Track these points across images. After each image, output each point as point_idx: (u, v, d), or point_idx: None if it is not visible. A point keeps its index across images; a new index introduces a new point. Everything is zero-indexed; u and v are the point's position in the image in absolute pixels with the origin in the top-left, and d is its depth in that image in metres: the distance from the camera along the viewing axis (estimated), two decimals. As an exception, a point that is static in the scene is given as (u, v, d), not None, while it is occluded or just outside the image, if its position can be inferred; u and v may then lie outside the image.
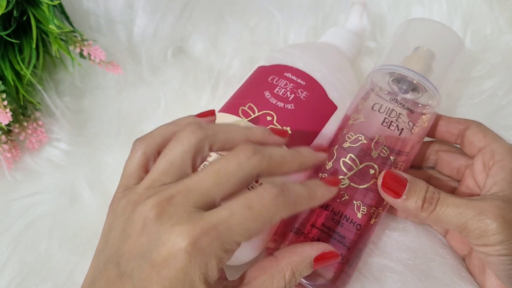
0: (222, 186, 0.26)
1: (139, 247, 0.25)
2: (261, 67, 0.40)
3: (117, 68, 0.44)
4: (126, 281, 0.25)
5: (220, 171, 0.26)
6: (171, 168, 0.27)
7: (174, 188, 0.26)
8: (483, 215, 0.29)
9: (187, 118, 0.32)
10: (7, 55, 0.42)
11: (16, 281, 0.36)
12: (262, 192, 0.26)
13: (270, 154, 0.28)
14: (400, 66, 0.35)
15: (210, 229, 0.24)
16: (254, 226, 0.25)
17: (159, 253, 0.24)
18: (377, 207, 0.33)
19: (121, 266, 0.25)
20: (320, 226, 0.32)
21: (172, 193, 0.26)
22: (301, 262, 0.28)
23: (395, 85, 0.35)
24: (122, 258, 0.25)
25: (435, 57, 0.35)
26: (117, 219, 0.27)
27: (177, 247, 0.24)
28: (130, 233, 0.26)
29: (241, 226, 0.25)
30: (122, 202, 0.27)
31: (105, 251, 0.27)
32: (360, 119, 0.34)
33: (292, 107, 0.36)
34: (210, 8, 0.51)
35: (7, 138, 0.41)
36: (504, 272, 0.30)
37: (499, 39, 0.48)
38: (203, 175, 0.26)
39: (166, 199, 0.25)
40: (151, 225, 0.25)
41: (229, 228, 0.25)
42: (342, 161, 0.33)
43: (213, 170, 0.26)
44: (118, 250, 0.26)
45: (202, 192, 0.26)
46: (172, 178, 0.27)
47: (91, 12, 0.49)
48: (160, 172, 0.28)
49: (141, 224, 0.25)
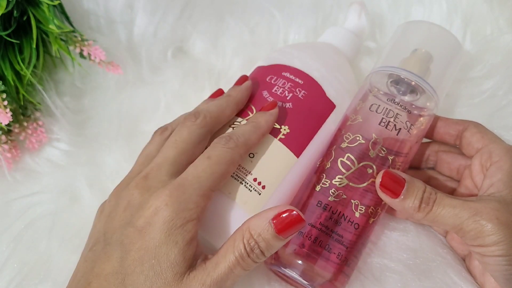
0: (183, 152, 0.30)
1: (123, 220, 0.28)
2: (260, 67, 0.40)
3: (117, 68, 0.44)
4: (111, 249, 0.27)
5: (176, 140, 0.31)
6: (146, 159, 0.32)
7: (147, 167, 0.30)
8: (478, 216, 0.29)
9: (203, 104, 0.36)
10: (7, 55, 0.42)
11: (16, 280, 0.36)
12: (214, 144, 0.31)
13: (208, 110, 0.32)
14: (399, 68, 0.35)
15: (181, 182, 0.28)
16: (218, 169, 0.29)
17: (140, 216, 0.27)
18: (375, 207, 0.33)
19: (107, 240, 0.28)
20: (319, 225, 0.32)
21: (147, 171, 0.30)
22: (259, 223, 0.27)
23: (394, 86, 0.35)
24: (107, 235, 0.28)
25: (433, 59, 0.35)
26: (103, 214, 0.30)
27: (156, 205, 0.27)
28: (114, 214, 0.29)
29: (206, 172, 0.29)
30: (107, 199, 0.31)
31: (89, 243, 0.30)
32: (358, 120, 0.35)
33: (290, 106, 0.36)
34: (210, 8, 0.51)
35: (7, 138, 0.41)
36: (500, 273, 0.30)
37: (499, 39, 0.48)
38: (165, 149, 0.31)
39: (142, 177, 0.29)
40: (134, 202, 0.28)
41: (197, 176, 0.29)
42: (340, 160, 0.33)
43: (171, 142, 0.31)
44: (104, 231, 0.28)
45: (169, 162, 0.30)
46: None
47: (91, 12, 0.49)
48: (139, 164, 0.33)
49: (125, 204, 0.29)
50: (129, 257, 0.26)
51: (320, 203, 0.32)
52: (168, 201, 0.27)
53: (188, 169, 0.29)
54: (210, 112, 0.32)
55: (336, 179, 0.33)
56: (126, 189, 0.30)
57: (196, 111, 0.33)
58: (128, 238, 0.27)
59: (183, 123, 0.32)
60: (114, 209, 0.29)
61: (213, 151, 0.30)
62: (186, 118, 0.32)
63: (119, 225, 0.28)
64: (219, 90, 0.37)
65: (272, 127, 0.34)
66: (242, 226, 0.28)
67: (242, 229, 0.28)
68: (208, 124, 0.32)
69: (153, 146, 0.33)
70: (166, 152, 0.31)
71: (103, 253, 0.27)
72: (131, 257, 0.26)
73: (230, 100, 0.34)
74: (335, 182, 0.33)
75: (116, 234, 0.27)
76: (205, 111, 0.32)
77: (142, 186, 0.29)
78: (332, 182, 0.33)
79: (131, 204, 0.28)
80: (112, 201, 0.30)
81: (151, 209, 0.27)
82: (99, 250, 0.28)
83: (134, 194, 0.29)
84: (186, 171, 0.29)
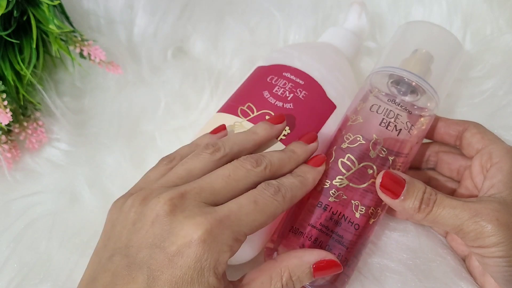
0: (231, 189, 0.28)
1: (151, 238, 0.26)
2: (260, 67, 0.40)
3: (117, 68, 0.44)
4: (136, 270, 0.25)
5: (230, 175, 0.29)
6: (188, 175, 0.30)
7: (187, 185, 0.28)
8: (478, 217, 0.29)
9: (204, 137, 0.34)
10: (7, 55, 0.42)
11: (16, 281, 0.36)
12: (263, 190, 0.29)
13: (270, 162, 0.30)
14: (399, 68, 0.35)
15: (222, 219, 0.26)
16: (260, 218, 0.28)
17: (172, 242, 0.25)
18: (375, 207, 0.33)
19: (130, 256, 0.26)
20: (319, 226, 0.32)
21: (186, 189, 0.27)
22: (300, 266, 0.28)
23: (394, 87, 0.35)
24: (131, 249, 0.26)
25: (433, 59, 0.35)
26: (123, 215, 0.28)
27: (191, 237, 0.25)
28: (141, 226, 0.26)
29: (249, 217, 0.27)
30: (129, 200, 0.28)
31: (108, 246, 0.27)
32: (358, 120, 0.35)
33: (291, 106, 0.36)
34: (210, 8, 0.51)
35: (7, 138, 0.41)
36: (500, 274, 0.30)
37: (499, 39, 0.48)
38: (215, 177, 0.29)
39: (179, 194, 0.27)
40: (163, 218, 0.26)
41: (239, 219, 0.27)
42: (340, 161, 0.33)
43: (224, 173, 0.29)
44: (127, 242, 0.26)
45: (213, 191, 0.28)
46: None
47: (91, 12, 0.49)
48: (177, 176, 0.29)
49: (153, 217, 0.26)
50: (156, 286, 0.25)
51: (320, 203, 0.32)
52: (206, 238, 0.25)
53: (231, 205, 0.27)
54: (272, 165, 0.30)
55: (336, 180, 0.33)
56: (156, 198, 0.27)
57: (259, 158, 0.30)
58: (156, 263, 0.25)
59: (243, 163, 0.30)
60: (139, 219, 0.27)
61: (261, 197, 0.28)
62: (247, 159, 0.30)
63: (146, 243, 0.26)
64: (221, 126, 0.35)
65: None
66: (280, 263, 0.28)
67: (280, 267, 0.28)
68: (266, 176, 0.30)
69: (200, 165, 0.30)
70: (214, 181, 0.28)
71: (126, 271, 0.25)
72: (159, 287, 0.25)
73: (293, 158, 0.32)
74: (335, 182, 0.33)
75: (143, 254, 0.25)
76: (268, 162, 0.30)
77: (175, 204, 0.26)
78: (333, 182, 0.33)
79: (160, 220, 0.26)
80: (135, 206, 0.28)
81: (186, 239, 0.25)
82: (121, 266, 0.26)
83: (164, 209, 0.26)
84: (229, 208, 0.27)
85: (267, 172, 0.30)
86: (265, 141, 0.34)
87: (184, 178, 0.29)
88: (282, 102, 0.36)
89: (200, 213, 0.26)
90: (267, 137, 0.33)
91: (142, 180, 0.31)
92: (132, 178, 0.32)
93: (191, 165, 0.30)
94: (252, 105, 0.36)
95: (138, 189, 0.30)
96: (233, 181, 0.29)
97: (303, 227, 0.32)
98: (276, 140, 0.34)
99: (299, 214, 0.33)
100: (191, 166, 0.30)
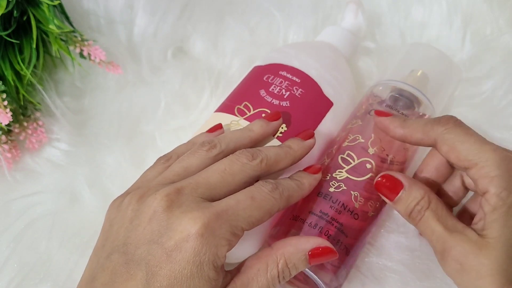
0: (227, 184, 0.29)
1: (148, 234, 0.26)
2: (257, 67, 0.40)
3: (117, 68, 0.44)
4: (135, 267, 0.25)
5: (226, 170, 0.29)
6: (185, 173, 0.30)
7: (184, 181, 0.28)
8: (446, 253, 0.29)
9: (200, 136, 0.35)
10: (7, 55, 0.42)
11: (16, 281, 0.36)
12: (261, 187, 0.29)
13: (267, 156, 0.31)
14: (400, 81, 0.38)
15: (220, 213, 0.26)
16: (257, 214, 0.28)
17: (170, 237, 0.25)
18: (375, 201, 0.34)
19: (128, 254, 0.26)
20: (319, 213, 0.33)
21: (183, 185, 0.28)
22: (295, 253, 0.28)
23: (393, 97, 0.37)
24: (129, 247, 0.26)
25: (429, 80, 0.38)
26: (121, 214, 0.28)
27: (188, 231, 0.25)
28: (138, 223, 0.27)
29: (246, 212, 0.27)
30: (127, 198, 0.28)
31: (107, 245, 0.27)
32: (358, 123, 0.36)
33: (287, 104, 0.36)
34: (210, 8, 0.51)
35: (7, 138, 0.41)
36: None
37: (499, 39, 0.48)
38: (211, 171, 0.29)
39: (176, 190, 0.27)
40: (160, 214, 0.26)
41: (236, 214, 0.27)
42: (340, 157, 0.35)
43: (220, 168, 0.29)
44: (125, 240, 0.26)
45: (209, 186, 0.28)
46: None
47: (91, 12, 0.49)
48: (174, 173, 0.30)
49: (151, 213, 0.26)
50: (156, 282, 0.25)
51: (320, 193, 0.33)
52: (204, 232, 0.25)
53: (228, 201, 0.27)
54: (268, 159, 0.30)
55: (336, 173, 0.34)
56: (152, 195, 0.27)
57: (254, 152, 0.30)
58: (155, 259, 0.25)
59: (238, 157, 0.30)
60: (137, 216, 0.27)
61: (258, 193, 0.28)
62: (242, 153, 0.30)
63: (144, 240, 0.26)
64: (218, 125, 0.35)
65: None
66: (276, 251, 0.28)
67: (276, 254, 0.28)
68: (262, 170, 0.30)
69: (197, 162, 0.31)
70: (210, 176, 0.28)
71: (125, 269, 0.25)
72: (158, 282, 0.25)
73: (289, 154, 0.32)
74: (335, 175, 0.34)
75: (141, 250, 0.25)
76: (264, 156, 0.30)
77: (172, 199, 0.26)
78: (333, 175, 0.34)
79: (158, 216, 0.26)
80: (133, 204, 0.28)
81: (183, 234, 0.25)
82: (120, 263, 0.26)
83: (161, 205, 0.26)
84: (226, 202, 0.27)
85: (263, 166, 0.30)
86: (261, 138, 0.34)
87: (181, 175, 0.29)
88: (278, 100, 0.36)
89: (197, 208, 0.26)
90: (263, 134, 0.34)
91: (139, 179, 0.31)
92: (132, 178, 0.32)
93: (188, 163, 0.30)
94: (248, 104, 0.36)
95: (135, 188, 0.30)
96: (229, 175, 0.29)
97: (304, 214, 0.33)
98: (272, 138, 0.35)
99: (300, 203, 0.34)
100: (188, 163, 0.30)
